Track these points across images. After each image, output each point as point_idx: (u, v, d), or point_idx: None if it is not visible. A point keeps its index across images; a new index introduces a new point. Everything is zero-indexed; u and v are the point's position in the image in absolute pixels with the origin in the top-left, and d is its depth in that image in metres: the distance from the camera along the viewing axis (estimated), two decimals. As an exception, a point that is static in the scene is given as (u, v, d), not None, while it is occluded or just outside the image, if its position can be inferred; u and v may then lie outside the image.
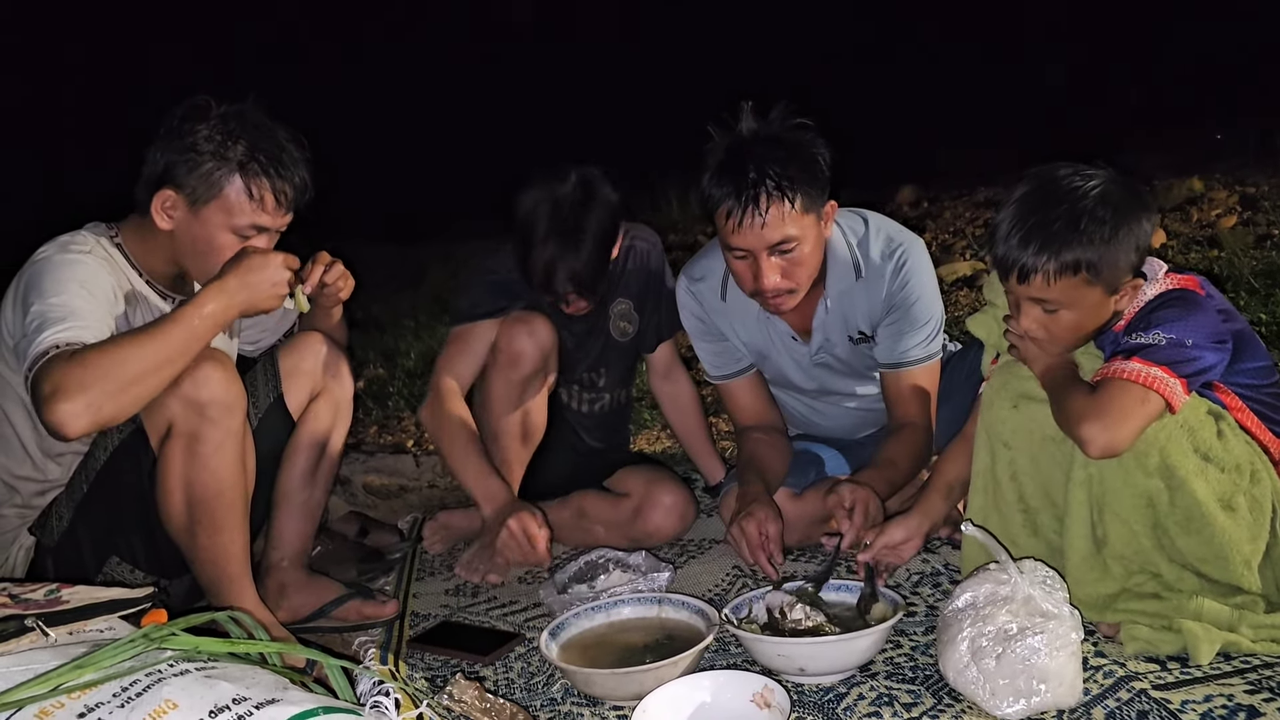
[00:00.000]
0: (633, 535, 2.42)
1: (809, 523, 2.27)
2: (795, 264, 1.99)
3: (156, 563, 1.97)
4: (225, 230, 1.89)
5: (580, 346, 2.48)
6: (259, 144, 1.89)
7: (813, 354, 2.25)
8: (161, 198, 1.88)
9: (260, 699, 1.11)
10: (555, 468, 2.51)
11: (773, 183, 1.90)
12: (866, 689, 1.61)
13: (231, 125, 1.89)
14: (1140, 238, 1.59)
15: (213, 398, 1.79)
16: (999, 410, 1.76)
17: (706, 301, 2.29)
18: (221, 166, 1.86)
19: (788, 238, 1.94)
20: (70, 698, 1.12)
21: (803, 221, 1.96)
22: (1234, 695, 1.45)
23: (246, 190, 1.88)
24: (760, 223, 1.91)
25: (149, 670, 1.15)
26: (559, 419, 2.50)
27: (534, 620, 2.10)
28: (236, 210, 1.89)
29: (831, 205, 2.04)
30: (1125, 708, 1.45)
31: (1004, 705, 1.46)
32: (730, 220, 1.94)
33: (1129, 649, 1.60)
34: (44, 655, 1.21)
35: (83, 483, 1.92)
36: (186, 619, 1.28)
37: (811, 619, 1.71)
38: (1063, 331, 1.64)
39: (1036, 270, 1.59)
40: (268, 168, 1.88)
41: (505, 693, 1.76)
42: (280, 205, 1.92)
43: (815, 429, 2.47)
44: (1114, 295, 1.62)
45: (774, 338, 2.27)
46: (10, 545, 1.96)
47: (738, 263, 2.01)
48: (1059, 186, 1.61)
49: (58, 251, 1.85)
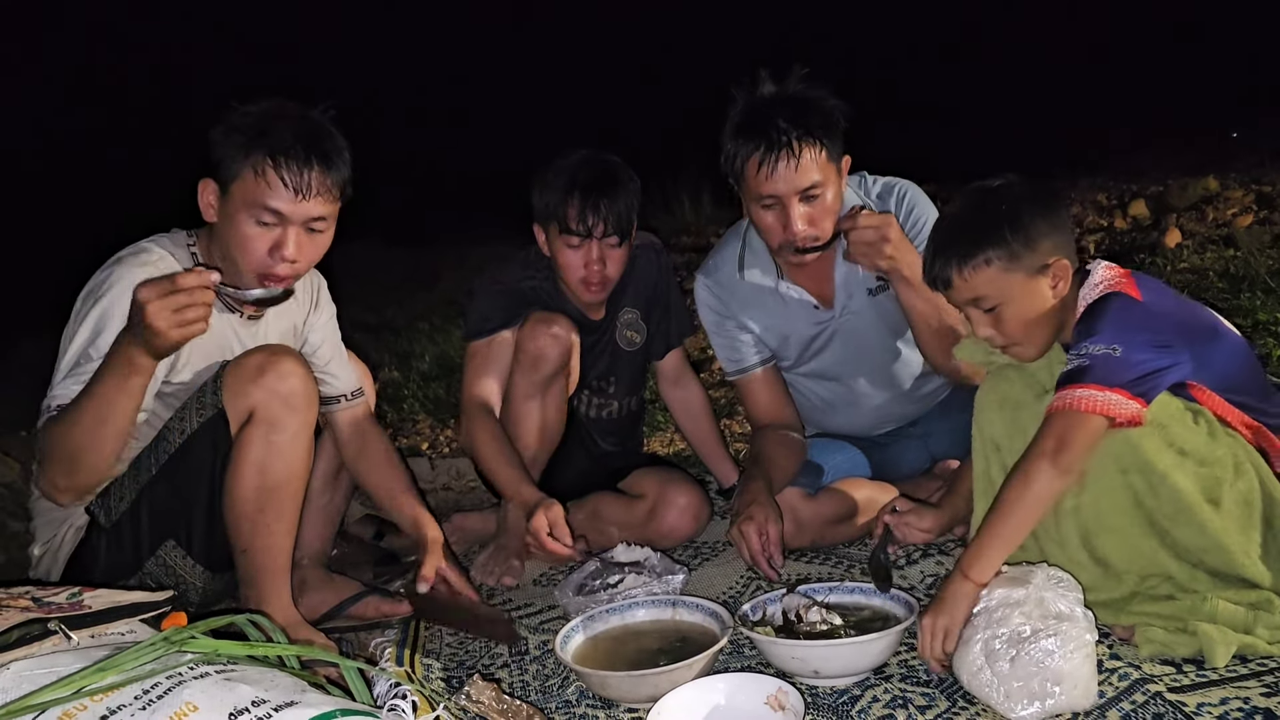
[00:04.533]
0: (647, 536, 2.42)
1: (823, 524, 2.27)
2: (821, 211, 2.08)
3: (209, 553, 1.99)
4: (244, 214, 1.86)
5: (588, 354, 2.49)
6: (277, 127, 1.86)
7: (837, 317, 2.27)
8: (204, 188, 1.90)
9: (279, 701, 1.12)
10: (570, 470, 2.52)
11: (803, 129, 2.02)
12: (881, 691, 1.61)
13: (259, 114, 1.88)
14: (1046, 219, 1.65)
15: (293, 390, 1.87)
16: (988, 413, 1.79)
17: (725, 290, 2.34)
18: (239, 147, 1.85)
19: (816, 182, 2.04)
20: (92, 700, 1.13)
21: (828, 169, 2.07)
22: (1250, 698, 1.44)
23: (254, 168, 1.84)
24: (794, 165, 2.01)
25: (169, 673, 1.17)
26: (573, 423, 2.51)
27: (549, 622, 2.11)
28: (252, 190, 1.85)
29: (847, 160, 2.14)
30: (1140, 710, 1.45)
31: (1018, 708, 1.46)
32: (762, 169, 2.03)
33: (1144, 651, 1.59)
34: (66, 658, 1.23)
35: (151, 465, 1.94)
36: (206, 622, 1.30)
37: (827, 622, 1.71)
38: (1011, 327, 1.68)
39: (949, 272, 1.68)
40: (280, 147, 1.83)
41: (521, 694, 1.77)
42: (288, 188, 1.84)
43: (834, 426, 2.47)
44: (1042, 279, 1.65)
45: (796, 313, 2.29)
46: (60, 524, 1.97)
47: (766, 214, 2.10)
48: (964, 199, 1.74)
49: (122, 262, 1.87)
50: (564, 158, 2.34)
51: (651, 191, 6.32)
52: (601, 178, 2.28)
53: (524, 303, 2.38)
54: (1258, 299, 3.38)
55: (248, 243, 1.87)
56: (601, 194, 2.26)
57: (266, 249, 1.87)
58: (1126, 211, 4.91)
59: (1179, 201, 4.85)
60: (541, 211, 2.34)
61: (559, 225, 2.29)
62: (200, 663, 1.20)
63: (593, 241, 2.29)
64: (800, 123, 2.02)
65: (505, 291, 2.39)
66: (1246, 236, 4.10)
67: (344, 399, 2.24)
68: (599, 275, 2.32)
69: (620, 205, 2.28)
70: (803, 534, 2.27)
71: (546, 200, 2.31)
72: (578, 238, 2.28)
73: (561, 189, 2.27)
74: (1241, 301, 3.37)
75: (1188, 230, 4.46)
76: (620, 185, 2.30)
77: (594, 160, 2.32)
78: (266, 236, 1.87)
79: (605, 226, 2.27)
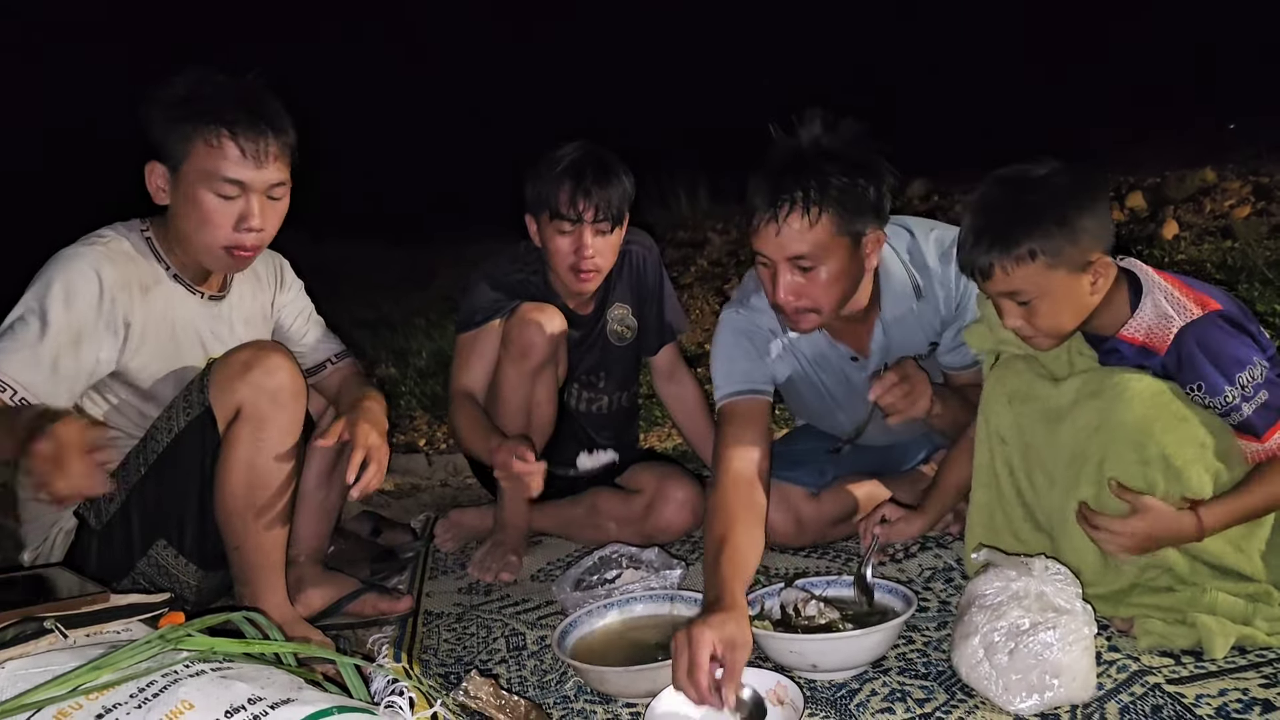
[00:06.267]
0: (645, 531, 2.42)
1: (825, 524, 2.27)
2: (814, 284, 1.88)
3: (201, 551, 1.98)
4: (205, 190, 1.84)
5: (577, 348, 2.50)
6: (221, 96, 1.84)
7: (871, 371, 2.13)
8: (151, 172, 1.88)
9: (275, 699, 1.12)
10: (566, 466, 2.52)
11: (802, 194, 1.81)
12: (879, 685, 1.61)
13: (195, 85, 1.86)
14: (1093, 216, 1.60)
15: (280, 385, 1.85)
16: (995, 406, 1.77)
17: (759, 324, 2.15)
18: (184, 122, 1.82)
19: (804, 255, 1.84)
20: (88, 699, 1.13)
21: (829, 243, 1.85)
22: (1249, 689, 1.44)
23: (207, 142, 1.82)
24: (775, 230, 1.83)
25: (165, 671, 1.16)
26: (566, 418, 2.51)
27: (547, 618, 2.11)
28: (206, 162, 1.82)
29: (877, 236, 1.93)
30: (1139, 702, 1.45)
31: (1017, 700, 1.46)
32: (755, 223, 1.88)
33: (1143, 643, 1.59)
34: (62, 657, 1.22)
35: (140, 465, 1.93)
36: (202, 620, 1.29)
37: (825, 615, 1.71)
38: (1044, 321, 1.64)
39: (993, 265, 1.61)
40: (227, 116, 1.82)
41: (519, 690, 1.77)
42: (247, 156, 1.83)
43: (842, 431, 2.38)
44: (1083, 276, 1.61)
45: (833, 359, 2.18)
46: (49, 528, 1.97)
47: (762, 270, 1.94)
48: (1002, 184, 1.65)
49: (74, 246, 1.87)
50: (557, 149, 2.35)
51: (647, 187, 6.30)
52: (593, 165, 2.30)
53: (513, 295, 2.38)
54: (1256, 290, 3.38)
55: (212, 217, 1.86)
56: (593, 180, 2.28)
57: (232, 222, 1.86)
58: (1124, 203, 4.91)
59: (1176, 193, 4.85)
60: (534, 200, 2.35)
61: (550, 212, 2.30)
62: (196, 660, 1.20)
63: (584, 226, 2.30)
64: (809, 187, 1.81)
65: (495, 284, 2.40)
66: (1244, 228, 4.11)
67: (330, 363, 2.26)
68: (590, 262, 2.32)
69: (612, 192, 2.30)
70: (804, 534, 2.27)
71: (539, 189, 2.32)
72: (569, 223, 2.29)
73: (553, 176, 2.30)
74: (1239, 292, 3.37)
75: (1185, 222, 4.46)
76: (612, 173, 2.31)
77: (587, 149, 2.34)
78: (230, 209, 1.86)
79: (596, 211, 2.29)
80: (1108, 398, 1.60)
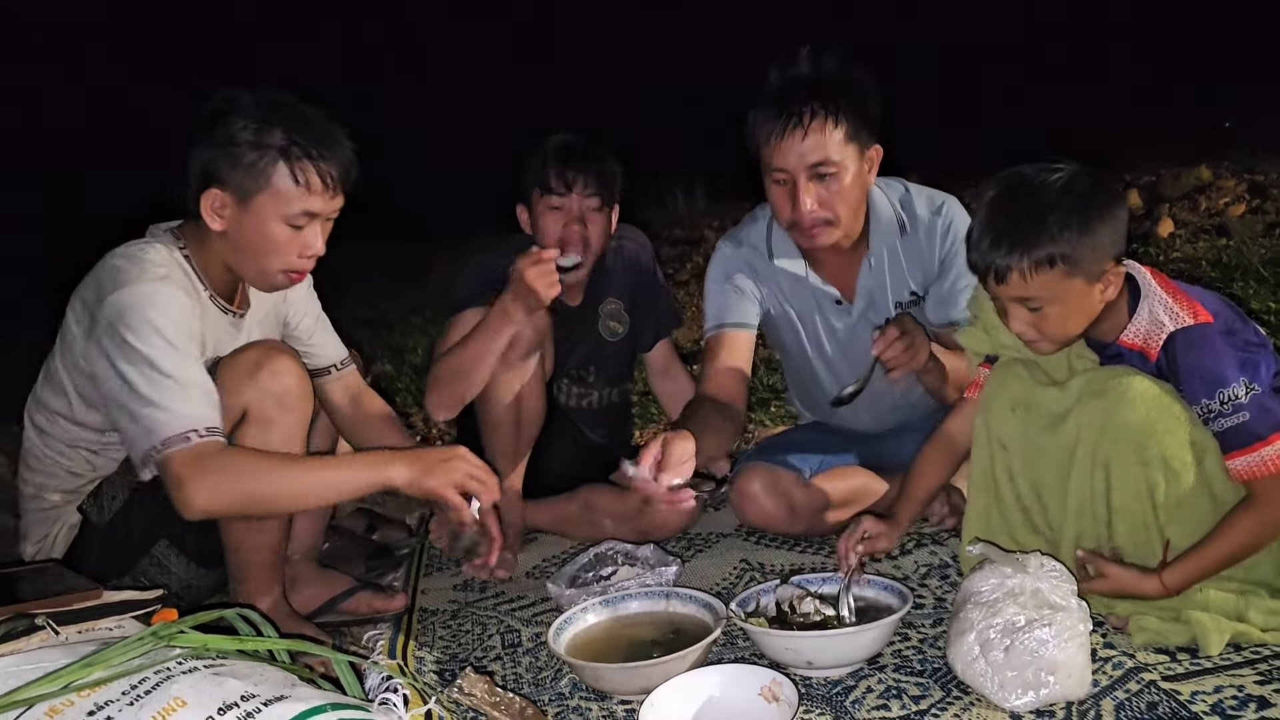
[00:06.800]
0: (641, 528, 2.42)
1: (817, 510, 2.27)
2: (834, 193, 2.01)
3: (202, 551, 1.97)
4: (277, 221, 1.83)
5: (566, 341, 2.50)
6: (297, 127, 1.82)
7: (855, 320, 2.22)
8: (209, 198, 1.82)
9: (268, 696, 1.11)
10: (560, 463, 2.52)
11: (818, 102, 1.95)
12: (875, 682, 1.61)
13: (265, 112, 1.82)
14: (1113, 225, 1.58)
15: (287, 388, 1.87)
16: (997, 412, 1.76)
17: (750, 263, 2.27)
18: (264, 155, 1.79)
19: (827, 160, 1.97)
20: (80, 695, 1.12)
21: (845, 150, 1.99)
22: (1244, 686, 1.44)
23: (292, 176, 1.80)
24: (801, 135, 1.95)
25: (158, 668, 1.16)
26: (557, 413, 2.51)
27: (542, 615, 2.10)
28: (285, 198, 1.81)
29: (877, 150, 2.06)
30: (1134, 699, 1.45)
31: (1013, 697, 1.45)
32: (773, 139, 1.97)
33: (1138, 640, 1.59)
34: (54, 653, 1.22)
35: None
36: (195, 616, 1.29)
37: (820, 612, 1.71)
38: (1052, 328, 1.62)
39: (1011, 269, 1.57)
40: (309, 149, 1.81)
41: (514, 687, 1.76)
42: (328, 188, 1.84)
43: (836, 420, 2.43)
44: (1096, 285, 1.59)
45: (817, 301, 2.25)
46: (53, 523, 1.96)
47: (777, 189, 2.03)
48: (1024, 185, 1.60)
49: (138, 278, 1.76)
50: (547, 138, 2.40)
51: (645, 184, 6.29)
52: (582, 143, 2.36)
53: (500, 282, 2.38)
54: (1250, 288, 3.39)
55: (280, 246, 1.85)
56: (583, 156, 2.33)
57: (297, 249, 1.86)
58: (1119, 201, 4.92)
59: (1172, 191, 4.87)
60: (524, 184, 2.39)
61: (540, 189, 2.34)
62: (189, 657, 1.19)
63: (574, 198, 2.33)
64: (819, 96, 1.96)
65: (485, 272, 2.41)
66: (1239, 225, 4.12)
67: (334, 369, 2.23)
68: (578, 235, 2.34)
69: (602, 167, 2.34)
70: (796, 520, 2.27)
71: (529, 172, 2.36)
72: (558, 196, 2.33)
73: (543, 155, 2.35)
74: (1234, 290, 3.38)
75: (1180, 220, 4.47)
76: (600, 152, 2.36)
77: (576, 133, 2.39)
78: (298, 237, 1.85)
79: (585, 183, 2.32)
80: (1111, 398, 1.59)
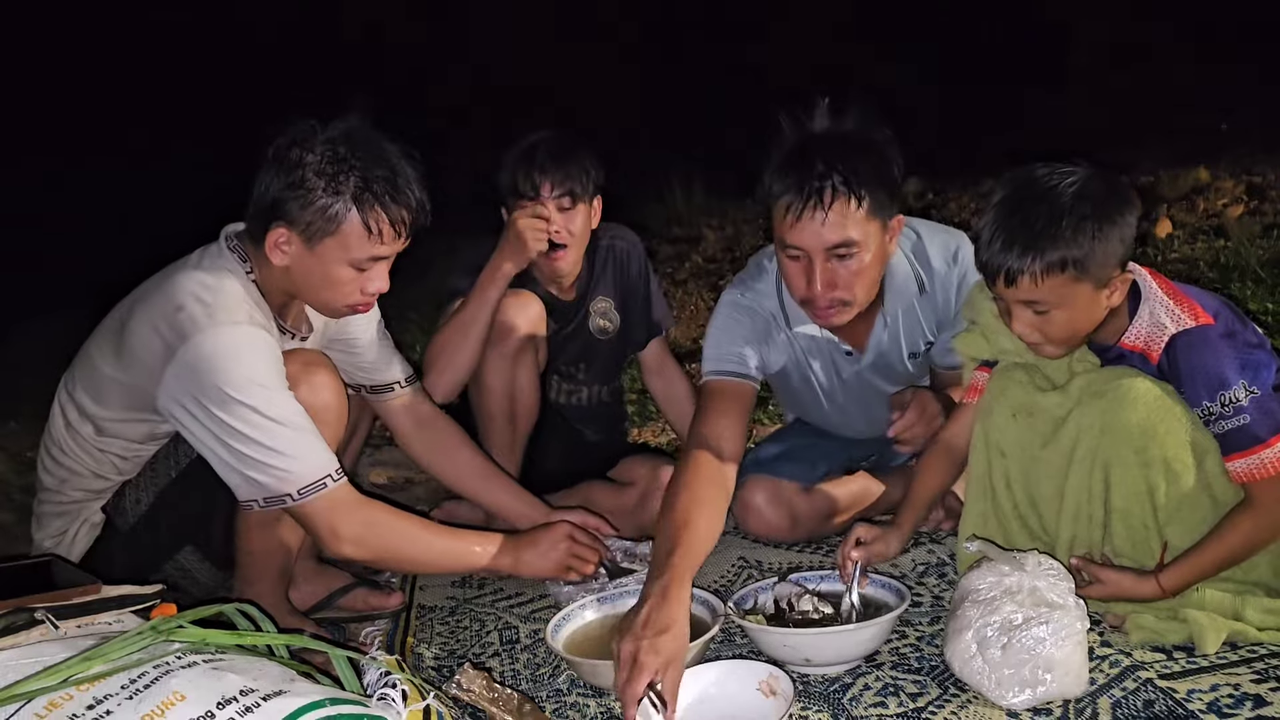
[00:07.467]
0: (639, 523, 2.42)
1: (819, 518, 2.27)
2: (852, 274, 1.83)
3: (229, 557, 1.97)
4: (343, 265, 1.80)
5: (558, 336, 2.51)
6: (372, 171, 1.76)
7: (863, 368, 2.14)
8: (275, 235, 1.78)
9: (267, 690, 1.11)
10: (556, 460, 2.52)
11: (840, 178, 1.77)
12: (872, 679, 1.62)
13: (341, 151, 1.77)
14: (1124, 230, 1.57)
15: (325, 404, 1.86)
16: (997, 418, 1.75)
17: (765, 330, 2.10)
18: (336, 201, 1.74)
19: (848, 241, 1.79)
20: (79, 689, 1.12)
21: (867, 227, 1.81)
22: (1240, 684, 1.45)
23: (365, 225, 1.76)
24: (821, 218, 1.77)
25: (157, 662, 1.16)
26: (550, 410, 2.52)
27: (540, 611, 2.10)
28: (355, 245, 1.78)
29: (899, 220, 1.91)
30: (1131, 697, 1.46)
31: (1010, 695, 1.46)
32: (789, 215, 1.79)
33: (1135, 638, 1.60)
34: (53, 648, 1.22)
35: (170, 469, 1.90)
36: (194, 611, 1.29)
37: (819, 610, 1.71)
38: (1057, 332, 1.62)
39: (1022, 272, 1.56)
40: (383, 197, 1.76)
41: (512, 683, 1.77)
42: (399, 234, 1.82)
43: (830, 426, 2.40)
44: (1104, 290, 1.59)
45: (828, 352, 2.15)
46: (72, 519, 1.93)
47: (791, 264, 1.86)
48: (1037, 186, 1.58)
49: (224, 321, 1.72)
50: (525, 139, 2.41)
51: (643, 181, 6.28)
52: (549, 144, 2.36)
53: None
54: (1248, 289, 3.39)
55: (344, 286, 1.83)
56: (548, 156, 2.33)
57: (361, 287, 1.84)
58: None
59: (1170, 192, 4.87)
60: (503, 189, 2.40)
61: (510, 193, 2.36)
62: (188, 652, 1.19)
63: (544, 199, 2.34)
64: (840, 169, 1.77)
65: (478, 260, 2.41)
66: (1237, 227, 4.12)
67: (397, 386, 2.19)
68: (557, 236, 2.35)
69: (570, 167, 2.34)
70: (798, 529, 2.27)
71: (505, 176, 2.38)
72: (527, 200, 2.34)
73: (513, 160, 2.37)
74: (1232, 291, 3.39)
75: (1178, 221, 4.48)
76: (569, 150, 2.36)
77: (547, 133, 2.39)
78: (363, 277, 1.83)
79: (552, 184, 2.33)
80: (1111, 398, 1.60)
